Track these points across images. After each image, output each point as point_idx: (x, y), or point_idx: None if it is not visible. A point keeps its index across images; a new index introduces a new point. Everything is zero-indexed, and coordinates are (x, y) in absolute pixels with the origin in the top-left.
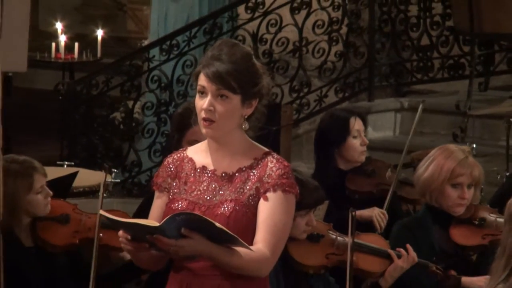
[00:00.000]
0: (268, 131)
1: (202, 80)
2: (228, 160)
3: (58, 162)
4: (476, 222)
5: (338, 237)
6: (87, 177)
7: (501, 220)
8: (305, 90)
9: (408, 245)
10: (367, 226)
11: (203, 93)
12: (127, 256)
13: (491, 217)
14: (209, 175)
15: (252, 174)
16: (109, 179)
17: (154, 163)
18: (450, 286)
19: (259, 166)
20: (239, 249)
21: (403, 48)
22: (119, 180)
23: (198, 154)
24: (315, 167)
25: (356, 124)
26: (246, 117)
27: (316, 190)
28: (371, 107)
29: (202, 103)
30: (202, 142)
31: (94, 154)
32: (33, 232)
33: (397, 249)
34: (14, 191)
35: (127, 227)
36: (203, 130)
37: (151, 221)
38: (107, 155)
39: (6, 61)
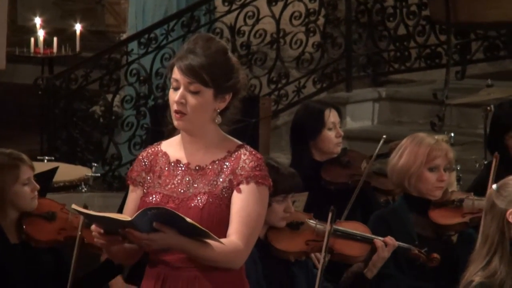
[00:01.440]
0: (247, 124)
1: (176, 73)
2: (202, 153)
3: (39, 157)
4: (454, 204)
5: (318, 225)
6: (67, 172)
7: (479, 202)
8: (283, 81)
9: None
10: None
11: (176, 85)
12: None
13: (469, 199)
14: (183, 168)
15: (225, 166)
16: (89, 173)
17: (134, 156)
18: None
19: (232, 158)
20: (212, 241)
21: (380, 38)
22: (99, 174)
23: (172, 147)
24: (291, 158)
25: (331, 116)
26: (219, 111)
27: (292, 176)
28: (349, 97)
29: (174, 95)
30: (177, 136)
31: (74, 148)
32: (18, 228)
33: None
34: (1, 182)
35: (99, 221)
36: (175, 123)
37: (123, 215)
38: (87, 148)
39: None
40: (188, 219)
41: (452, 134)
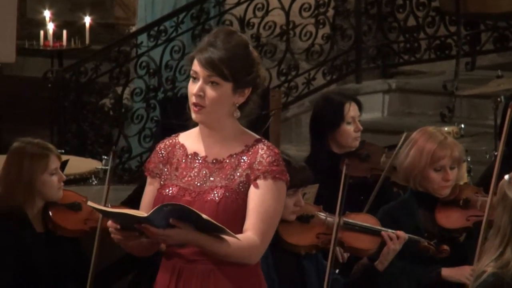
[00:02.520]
0: (258, 116)
1: (195, 65)
2: (219, 146)
3: None
4: (461, 204)
5: (328, 218)
6: (77, 165)
7: (485, 199)
8: (293, 73)
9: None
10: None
11: (195, 78)
12: None
13: (476, 197)
14: (200, 161)
15: (242, 160)
16: (99, 166)
17: (144, 148)
18: (432, 279)
19: (250, 153)
20: (228, 237)
21: (390, 29)
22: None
23: (190, 140)
24: (310, 149)
25: (351, 110)
26: (237, 105)
27: (303, 170)
28: (359, 89)
29: (193, 88)
30: (195, 129)
31: (84, 141)
32: (44, 217)
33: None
34: (30, 171)
35: (116, 217)
36: (193, 115)
37: (139, 211)
38: (97, 141)
39: None
40: (204, 216)
41: (462, 125)
